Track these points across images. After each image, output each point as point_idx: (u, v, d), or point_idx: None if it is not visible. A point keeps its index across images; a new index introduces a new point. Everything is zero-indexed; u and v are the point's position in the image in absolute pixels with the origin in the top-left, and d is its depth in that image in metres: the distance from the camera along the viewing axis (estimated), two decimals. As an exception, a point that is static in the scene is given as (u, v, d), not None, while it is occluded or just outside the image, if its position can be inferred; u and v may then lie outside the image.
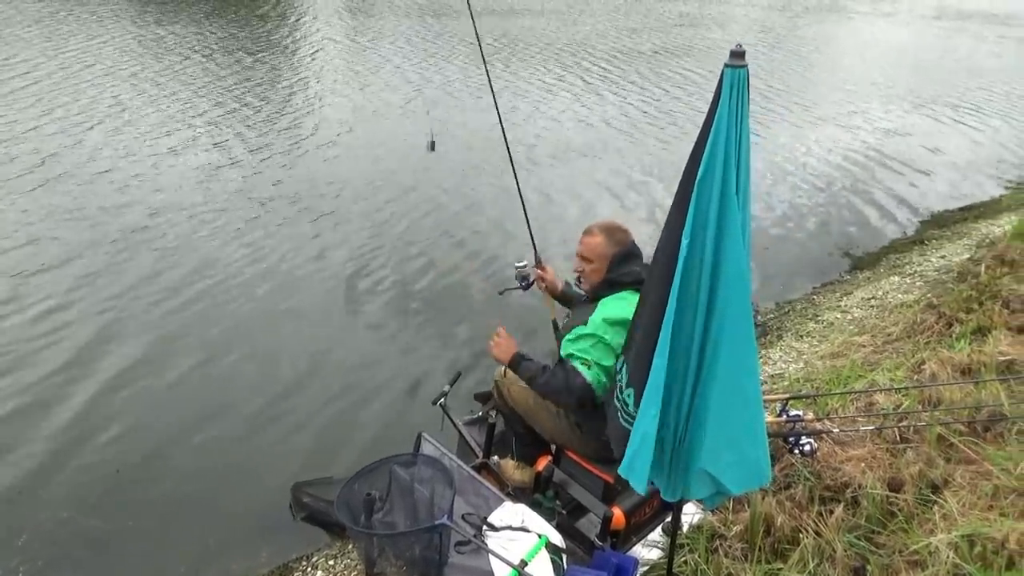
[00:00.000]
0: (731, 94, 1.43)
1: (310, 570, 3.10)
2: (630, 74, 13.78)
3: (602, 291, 2.40)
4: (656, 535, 2.67)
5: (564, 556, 2.22)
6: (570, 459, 2.60)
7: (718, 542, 2.54)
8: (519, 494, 2.66)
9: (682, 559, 2.47)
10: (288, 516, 3.31)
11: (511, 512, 2.29)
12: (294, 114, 9.86)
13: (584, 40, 17.21)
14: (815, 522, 2.48)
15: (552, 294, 2.90)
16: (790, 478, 2.76)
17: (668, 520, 2.61)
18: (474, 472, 2.53)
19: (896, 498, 2.54)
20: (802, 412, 2.98)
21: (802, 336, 5.00)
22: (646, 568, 2.57)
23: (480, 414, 3.14)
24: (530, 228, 3.12)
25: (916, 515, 2.46)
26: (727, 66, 1.42)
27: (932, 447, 2.80)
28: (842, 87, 14.28)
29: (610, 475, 2.41)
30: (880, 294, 5.62)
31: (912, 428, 2.96)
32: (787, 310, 5.63)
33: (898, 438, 2.92)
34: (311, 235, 6.25)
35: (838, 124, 11.31)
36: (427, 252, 6.09)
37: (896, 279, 5.92)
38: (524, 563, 2.07)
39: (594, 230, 2.45)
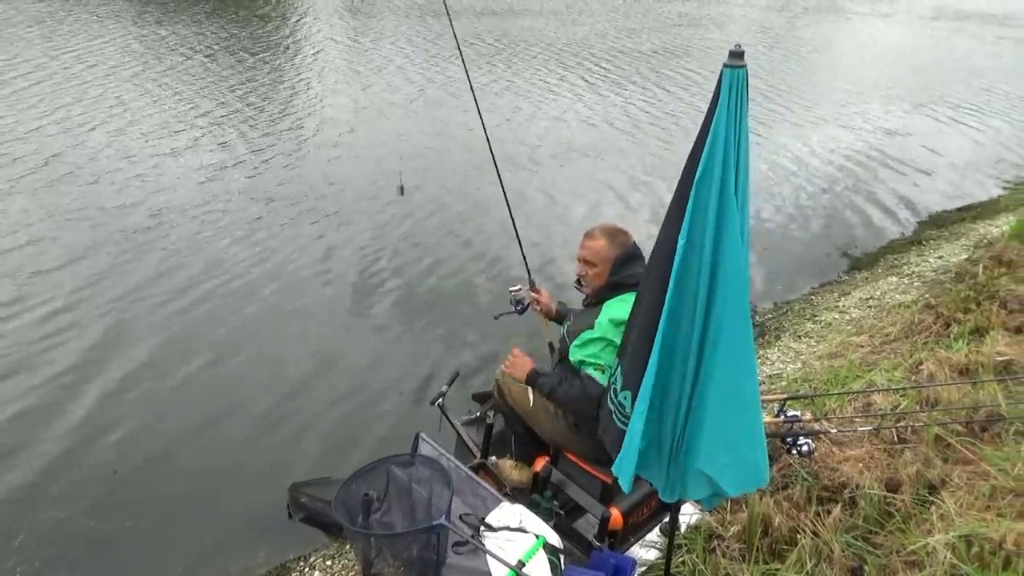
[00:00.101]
0: (730, 94, 1.42)
1: (308, 570, 3.09)
2: (630, 74, 13.78)
3: (606, 294, 2.41)
4: (654, 535, 2.67)
5: (562, 556, 2.22)
6: (568, 460, 2.59)
7: (716, 542, 2.54)
8: (517, 494, 2.66)
9: (680, 559, 2.47)
10: (286, 516, 3.30)
11: (509, 512, 2.29)
12: (296, 114, 9.84)
13: (584, 40, 17.22)
14: (813, 522, 2.49)
15: (548, 316, 2.89)
16: (788, 478, 2.76)
17: (666, 520, 2.61)
18: (472, 472, 2.52)
19: (894, 498, 2.54)
20: (800, 412, 2.97)
21: (800, 336, 5.01)
22: (644, 568, 2.57)
23: (478, 414, 3.14)
24: (523, 252, 3.12)
25: (914, 515, 2.46)
26: (726, 66, 1.42)
27: (930, 447, 2.81)
28: (840, 87, 14.30)
29: (608, 476, 2.41)
30: (878, 294, 5.62)
31: (910, 428, 2.96)
32: (785, 310, 5.63)
33: (896, 438, 2.92)
34: (311, 236, 6.24)
35: (836, 124, 11.33)
36: (426, 253, 6.08)
37: (894, 279, 5.93)
38: (522, 564, 2.07)
39: (595, 233, 2.45)
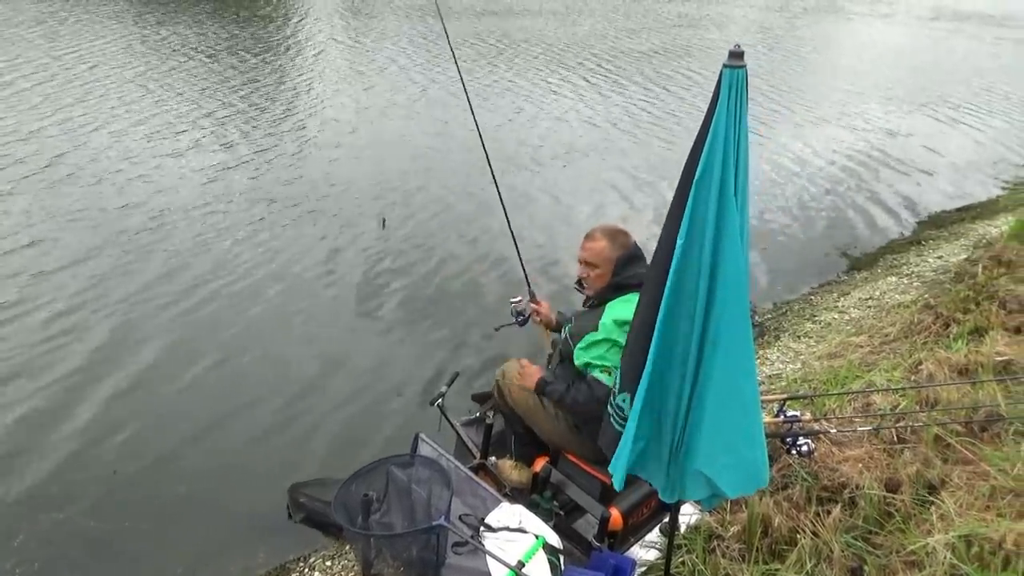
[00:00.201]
0: (730, 94, 1.42)
1: (307, 571, 3.09)
2: (632, 74, 13.78)
3: (608, 295, 2.41)
4: (654, 536, 2.67)
5: (561, 557, 2.22)
6: (568, 460, 2.59)
7: (716, 543, 2.54)
8: (517, 495, 2.66)
9: (680, 560, 2.47)
10: (285, 517, 3.30)
11: (508, 513, 2.28)
12: (298, 115, 9.83)
13: (584, 41, 17.22)
14: (812, 523, 2.49)
15: (548, 327, 2.89)
16: (787, 479, 2.75)
17: (666, 521, 2.61)
18: (471, 473, 2.52)
19: (893, 498, 2.54)
20: (799, 412, 2.97)
21: (800, 336, 5.01)
22: (644, 569, 2.57)
23: (478, 415, 3.13)
24: (523, 264, 3.13)
25: (913, 515, 2.46)
26: (726, 66, 1.42)
27: (929, 447, 2.81)
28: (840, 87, 14.31)
29: (608, 476, 2.40)
30: (877, 294, 5.63)
31: (909, 428, 2.96)
32: (785, 310, 5.64)
33: (895, 438, 2.92)
34: (312, 237, 6.23)
35: (836, 124, 11.33)
36: (427, 255, 6.07)
37: (893, 279, 5.93)
38: (521, 564, 2.06)
39: (596, 235, 2.45)
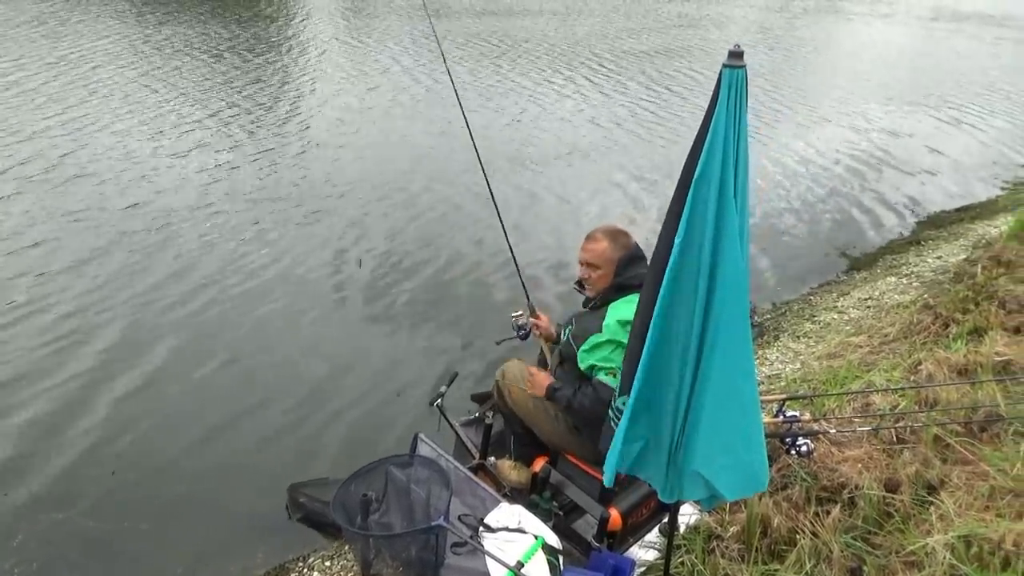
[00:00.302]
0: (729, 94, 1.42)
1: (306, 571, 3.09)
2: (634, 74, 13.76)
3: (611, 296, 2.41)
4: (653, 536, 2.67)
5: (561, 557, 2.22)
6: (567, 460, 2.59)
7: (715, 543, 2.54)
8: (516, 495, 2.66)
9: (679, 560, 2.47)
10: (284, 517, 3.30)
11: (508, 513, 2.28)
12: (302, 115, 9.80)
13: (584, 41, 17.21)
14: (812, 523, 2.48)
15: (548, 340, 2.89)
16: (787, 479, 2.75)
17: (665, 521, 2.61)
18: (471, 473, 2.52)
19: (893, 499, 2.54)
20: (799, 413, 2.97)
21: (799, 337, 5.01)
22: (643, 569, 2.57)
23: (477, 415, 3.13)
24: (522, 279, 3.13)
25: (913, 516, 2.46)
26: (725, 66, 1.42)
27: (929, 448, 2.81)
28: (839, 87, 14.31)
29: (607, 476, 2.41)
30: (877, 295, 5.63)
31: (909, 429, 2.96)
32: (784, 311, 5.64)
33: (895, 439, 2.92)
34: (313, 238, 6.22)
35: (835, 124, 11.33)
36: (428, 255, 6.05)
37: (893, 280, 5.94)
38: (520, 564, 2.06)
39: (597, 235, 2.45)
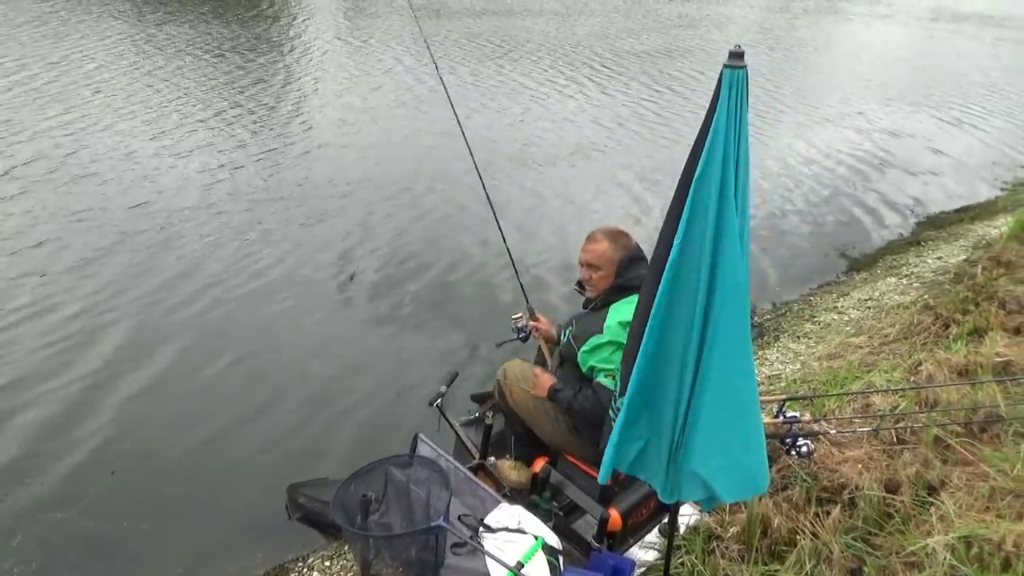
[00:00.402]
0: (730, 95, 1.42)
1: (306, 571, 3.09)
2: (636, 75, 13.76)
3: (612, 297, 2.41)
4: (653, 536, 2.67)
5: (560, 558, 2.21)
6: (567, 461, 2.59)
7: (715, 543, 2.54)
8: (516, 495, 2.66)
9: (679, 560, 2.47)
10: (284, 517, 3.30)
11: (507, 514, 2.28)
12: (306, 115, 9.77)
13: (585, 41, 17.20)
14: (812, 523, 2.48)
15: (549, 341, 2.90)
16: (787, 479, 2.75)
17: (665, 521, 2.61)
18: (470, 473, 2.52)
19: (893, 499, 2.54)
20: (799, 413, 2.97)
21: (799, 337, 5.01)
22: (643, 570, 2.57)
23: (477, 415, 3.13)
24: (521, 282, 3.14)
25: (913, 516, 2.46)
26: (726, 66, 1.42)
27: (929, 448, 2.80)
28: (839, 88, 14.32)
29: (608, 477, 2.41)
30: (877, 295, 5.63)
31: (909, 429, 2.96)
32: (784, 311, 5.63)
33: (895, 439, 2.92)
34: (314, 238, 6.21)
35: (836, 125, 11.34)
36: (428, 256, 6.04)
37: (893, 280, 5.93)
38: (520, 565, 2.06)
39: (597, 236, 2.46)
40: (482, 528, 2.23)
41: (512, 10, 21.48)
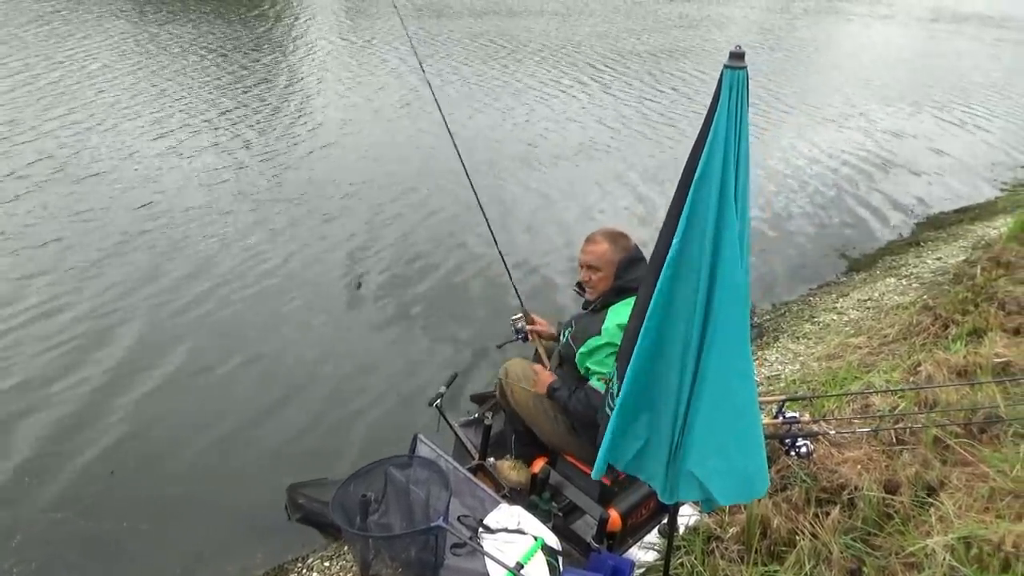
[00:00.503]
0: (730, 95, 1.42)
1: (305, 571, 3.09)
2: (639, 75, 13.74)
3: (611, 298, 2.41)
4: (652, 537, 2.67)
5: (560, 558, 2.21)
6: (566, 461, 2.59)
7: (714, 544, 2.54)
8: (515, 496, 2.66)
9: (678, 561, 2.47)
10: (284, 517, 3.30)
11: (507, 514, 2.28)
12: (311, 116, 9.76)
13: (587, 41, 17.19)
14: (811, 524, 2.48)
15: (551, 339, 2.89)
16: (786, 480, 2.75)
17: (665, 522, 2.61)
18: (470, 474, 2.52)
19: (892, 500, 2.54)
20: (798, 414, 2.97)
21: (798, 338, 5.01)
22: (643, 570, 2.57)
23: (476, 415, 3.13)
24: (514, 284, 3.13)
25: (912, 517, 2.46)
26: (726, 67, 1.42)
27: (928, 449, 2.80)
28: (839, 88, 14.31)
29: (607, 477, 2.41)
30: (876, 296, 5.63)
31: (908, 430, 2.96)
32: (783, 311, 5.64)
33: (894, 440, 2.92)
34: (315, 238, 6.20)
35: (836, 125, 11.33)
36: (428, 255, 6.04)
37: (892, 281, 5.93)
38: (520, 565, 2.06)
39: (597, 238, 2.46)
40: (481, 529, 2.23)
41: (513, 10, 21.47)
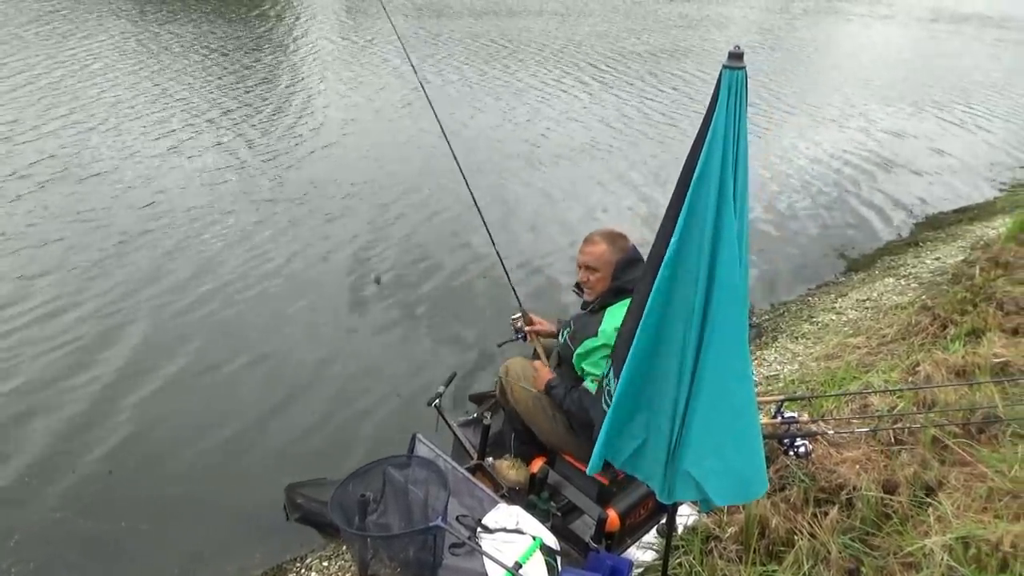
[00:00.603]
0: (729, 95, 1.42)
1: (304, 571, 3.09)
2: (641, 74, 13.74)
3: (609, 299, 2.42)
4: (651, 537, 2.67)
5: (558, 558, 2.21)
6: (565, 461, 2.59)
7: (713, 544, 2.54)
8: (514, 496, 2.66)
9: (677, 561, 2.47)
10: (282, 517, 3.29)
11: (505, 514, 2.28)
12: (299, 115, 9.74)
13: (587, 41, 17.19)
14: (810, 524, 2.48)
15: (552, 337, 2.89)
16: (785, 480, 2.75)
17: (663, 522, 2.61)
18: (469, 474, 2.52)
19: (891, 500, 2.54)
20: (797, 414, 2.97)
21: (797, 337, 5.01)
22: (641, 570, 2.57)
23: (475, 415, 3.13)
24: (512, 285, 3.14)
25: (911, 517, 2.46)
26: (725, 67, 1.42)
27: (927, 449, 2.80)
28: (839, 89, 14.32)
29: (605, 477, 2.41)
30: (875, 296, 5.63)
31: (907, 430, 2.96)
32: (782, 311, 5.64)
33: (893, 440, 2.92)
34: (316, 237, 6.19)
35: (835, 125, 11.34)
36: (427, 255, 6.03)
37: (891, 281, 5.94)
38: (518, 565, 2.06)
39: (595, 238, 2.46)
40: (480, 528, 2.23)
41: (512, 10, 21.46)
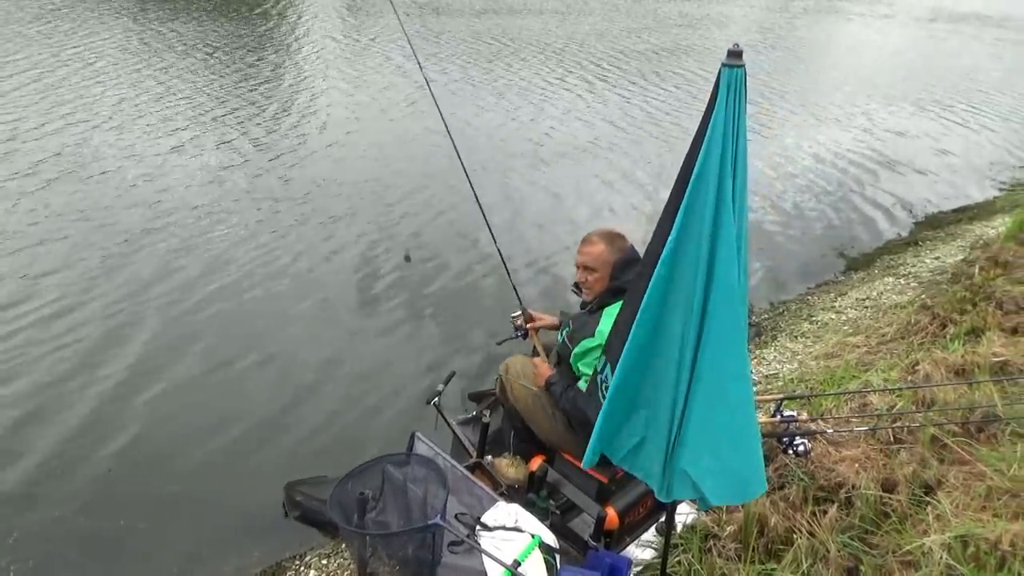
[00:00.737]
0: (728, 94, 1.42)
1: (303, 569, 3.09)
2: (644, 73, 13.74)
3: (607, 299, 2.41)
4: (650, 535, 2.67)
5: (557, 556, 2.21)
6: (564, 459, 2.59)
7: (712, 542, 2.54)
8: (513, 494, 2.66)
9: (676, 559, 2.47)
10: (281, 515, 3.30)
11: (504, 512, 2.28)
12: (302, 113, 9.75)
13: (589, 40, 17.18)
14: (809, 522, 2.49)
15: (555, 329, 2.89)
16: (784, 478, 2.76)
17: (662, 520, 2.61)
18: (468, 472, 2.52)
19: (890, 499, 2.54)
20: (796, 412, 2.98)
21: (796, 336, 5.01)
22: (640, 568, 2.57)
23: (474, 414, 3.13)
24: (513, 283, 3.14)
25: (910, 516, 2.46)
26: (724, 66, 1.42)
27: (926, 448, 2.81)
28: (838, 88, 14.32)
29: (604, 475, 2.41)
30: (874, 295, 5.63)
31: (906, 429, 2.96)
32: (781, 310, 5.64)
33: (892, 439, 2.92)
34: (316, 237, 6.19)
35: (835, 125, 11.34)
36: (427, 255, 6.03)
37: (890, 280, 5.94)
38: (517, 563, 2.06)
39: (593, 239, 2.46)
40: (479, 526, 2.23)
41: (513, 8, 21.45)
